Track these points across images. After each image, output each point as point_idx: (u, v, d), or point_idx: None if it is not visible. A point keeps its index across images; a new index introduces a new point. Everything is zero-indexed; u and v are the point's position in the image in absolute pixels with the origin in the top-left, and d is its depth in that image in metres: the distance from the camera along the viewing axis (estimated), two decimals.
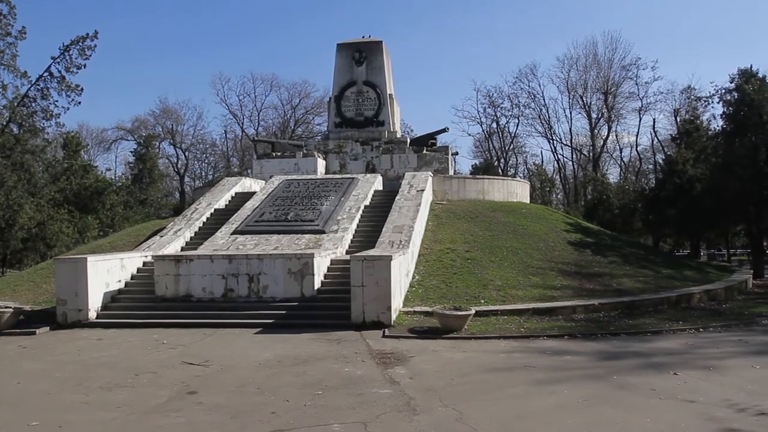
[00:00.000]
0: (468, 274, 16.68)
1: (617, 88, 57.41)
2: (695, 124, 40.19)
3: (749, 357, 10.24)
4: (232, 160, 66.58)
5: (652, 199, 38.69)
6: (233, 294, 14.51)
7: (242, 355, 10.35)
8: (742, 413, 6.85)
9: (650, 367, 9.39)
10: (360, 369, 9.26)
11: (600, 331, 12.57)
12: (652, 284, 18.27)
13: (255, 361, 9.82)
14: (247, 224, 18.89)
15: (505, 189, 27.46)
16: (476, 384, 8.37)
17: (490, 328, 12.74)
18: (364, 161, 28.82)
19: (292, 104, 65.09)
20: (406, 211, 18.88)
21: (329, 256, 15.80)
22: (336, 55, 30.99)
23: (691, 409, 7.07)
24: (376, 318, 12.87)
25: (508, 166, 62.88)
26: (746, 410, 6.96)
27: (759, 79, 28.42)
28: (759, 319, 14.79)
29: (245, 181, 25.84)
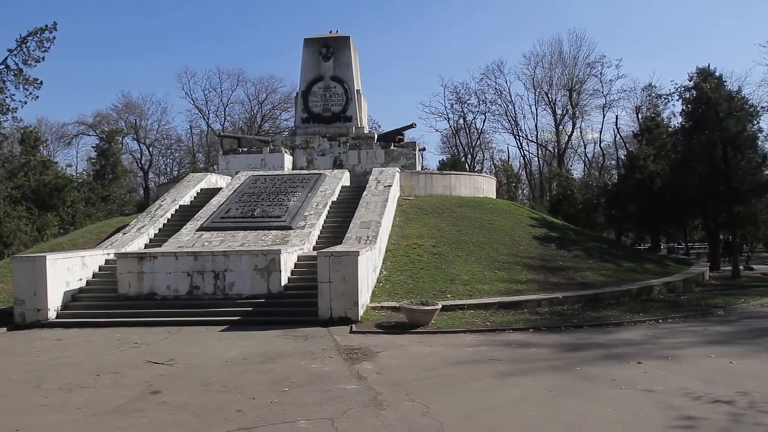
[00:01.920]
0: (435, 269, 16.78)
1: (581, 85, 58.48)
2: (656, 121, 41.16)
3: (705, 347, 10.57)
4: (198, 155, 65.53)
5: (614, 195, 39.56)
6: (199, 291, 14.31)
7: (208, 353, 10.22)
8: (698, 401, 7.06)
9: (612, 358, 9.60)
10: (327, 365, 9.24)
11: (564, 324, 12.81)
12: (615, 277, 18.68)
13: (221, 359, 9.70)
14: (212, 221, 18.64)
15: (472, 184, 27.71)
16: (443, 378, 8.43)
17: (456, 322, 12.85)
18: (331, 157, 28.72)
19: (259, 99, 64.46)
20: (374, 207, 18.89)
21: (296, 252, 15.71)
22: (303, 50, 30.79)
23: (649, 398, 7.25)
24: (343, 314, 12.85)
25: (475, 161, 63.39)
26: (701, 398, 7.17)
27: (716, 77, 29.22)
28: (715, 310, 15.27)
29: (211, 177, 25.47)
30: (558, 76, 59.56)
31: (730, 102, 27.61)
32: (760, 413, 6.56)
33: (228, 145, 34.33)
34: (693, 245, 57.61)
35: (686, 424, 6.28)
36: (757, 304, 16.75)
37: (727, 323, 13.52)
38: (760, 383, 7.84)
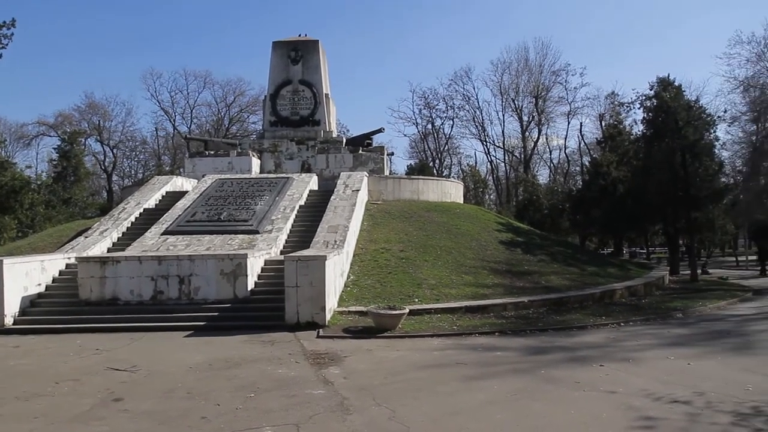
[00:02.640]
0: (402, 274, 16.82)
1: (547, 92, 59.56)
2: (618, 128, 42.15)
3: (665, 349, 10.83)
4: (164, 158, 64.37)
5: (578, 200, 40.34)
6: (163, 296, 14.04)
7: (172, 359, 10.03)
8: (658, 402, 7.23)
9: (575, 361, 9.76)
10: (293, 370, 9.16)
11: (529, 328, 12.97)
12: (578, 281, 19.01)
13: (185, 365, 9.53)
14: (178, 224, 18.33)
15: (440, 189, 27.89)
16: (409, 382, 8.44)
17: (423, 326, 12.89)
18: (299, 161, 28.57)
19: (227, 102, 63.75)
20: (342, 211, 18.84)
21: (263, 257, 15.56)
22: (272, 53, 30.58)
23: (611, 399, 7.39)
24: (310, 318, 12.77)
25: (442, 166, 63.90)
26: (661, 399, 7.34)
27: (675, 87, 30.14)
28: (674, 312, 15.68)
29: (177, 180, 25.08)
30: (524, 83, 60.61)
31: (689, 111, 28.49)
32: (716, 413, 6.74)
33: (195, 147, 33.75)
34: (654, 250, 59.11)
35: (646, 424, 6.41)
36: (713, 307, 17.27)
37: (686, 326, 13.90)
38: (716, 384, 8.06)
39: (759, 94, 41.47)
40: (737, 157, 43.60)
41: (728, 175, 39.58)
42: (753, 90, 42.17)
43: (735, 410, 6.81)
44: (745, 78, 42.95)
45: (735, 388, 7.78)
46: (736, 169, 42.85)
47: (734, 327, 13.77)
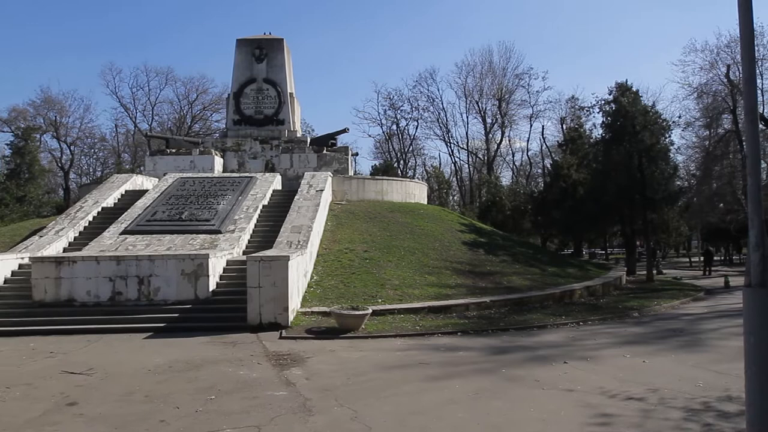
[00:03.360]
0: (366, 274, 16.81)
1: (510, 95, 60.35)
2: (579, 132, 43.01)
3: (621, 347, 11.09)
4: (124, 156, 62.81)
5: (540, 202, 40.99)
6: (121, 297, 13.72)
7: (130, 362, 9.80)
8: (613, 399, 7.40)
9: (535, 360, 9.91)
10: (255, 371, 9.06)
11: (491, 327, 13.11)
12: (539, 282, 19.33)
13: (144, 367, 9.32)
14: (137, 224, 17.94)
15: (404, 190, 27.99)
16: (372, 382, 8.43)
17: (386, 326, 12.91)
18: (263, 160, 28.28)
19: (189, 99, 62.55)
20: (305, 211, 18.73)
21: (225, 257, 15.35)
22: (235, 50, 30.21)
23: (570, 397, 7.53)
24: (273, 319, 12.66)
25: (407, 167, 64.09)
26: (617, 396, 7.51)
27: (633, 92, 30.94)
28: (630, 312, 16.08)
29: (137, 178, 24.54)
30: (488, 85, 61.28)
31: (646, 116, 29.30)
32: (669, 408, 6.93)
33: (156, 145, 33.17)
34: (612, 251, 60.56)
35: (602, 421, 6.55)
36: (668, 306, 17.78)
37: (642, 324, 14.27)
38: (670, 380, 8.29)
39: (711, 101, 42.95)
40: (691, 162, 45.16)
41: (682, 179, 40.96)
42: (706, 97, 43.65)
43: (686, 406, 7.01)
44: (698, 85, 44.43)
45: (687, 385, 8.02)
46: (690, 172, 44.35)
47: (687, 325, 14.20)
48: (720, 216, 39.92)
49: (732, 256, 55.86)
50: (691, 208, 39.19)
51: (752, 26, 4.45)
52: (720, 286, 25.68)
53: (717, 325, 14.21)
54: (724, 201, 39.18)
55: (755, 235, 4.30)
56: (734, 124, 36.77)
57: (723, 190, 38.13)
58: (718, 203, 40.19)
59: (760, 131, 34.95)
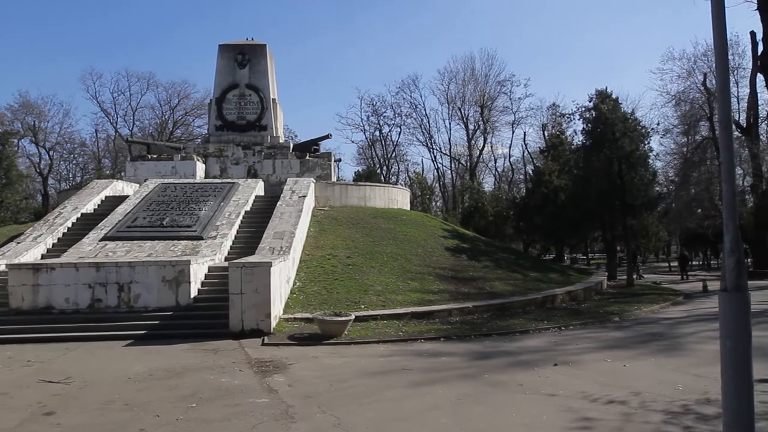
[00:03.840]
0: (349, 280, 16.79)
1: (492, 102, 60.76)
2: (560, 138, 43.46)
3: (602, 352, 11.19)
4: (104, 161, 62.09)
5: (522, 207, 41.28)
6: (101, 304, 13.54)
7: (110, 370, 9.66)
8: (595, 403, 7.46)
9: (518, 365, 9.96)
10: (237, 379, 8.99)
11: (473, 333, 13.16)
12: (521, 287, 19.44)
13: (124, 375, 9.20)
14: (118, 230, 17.74)
15: (387, 196, 28.02)
16: (355, 389, 8.41)
17: (369, 332, 12.90)
18: (245, 166, 28.15)
19: (171, 105, 62.04)
20: (288, 217, 18.67)
21: (207, 263, 15.24)
22: (218, 56, 30.08)
23: (552, 402, 7.57)
24: (255, 326, 12.58)
25: (390, 173, 64.19)
26: (598, 400, 7.58)
27: (613, 99, 31.33)
28: (611, 316, 16.25)
29: (117, 184, 24.27)
30: (470, 92, 61.68)
31: (625, 123, 29.66)
32: (649, 412, 7.00)
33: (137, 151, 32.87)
34: (593, 256, 61.15)
35: (584, 425, 6.60)
36: (648, 310, 17.98)
37: (622, 329, 14.41)
38: (650, 384, 8.38)
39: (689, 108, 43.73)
40: (669, 168, 45.96)
41: (661, 185, 41.58)
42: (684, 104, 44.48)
43: (666, 409, 7.09)
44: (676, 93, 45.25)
45: (667, 388, 8.11)
46: (669, 178, 45.10)
47: (666, 329, 14.36)
48: (698, 221, 40.60)
49: (710, 260, 56.72)
50: (670, 213, 39.80)
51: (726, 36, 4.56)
52: (698, 290, 26.02)
53: (695, 329, 14.40)
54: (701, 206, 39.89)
55: (730, 240, 4.39)
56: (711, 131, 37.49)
57: (701, 195, 38.84)
58: (696, 209, 40.92)
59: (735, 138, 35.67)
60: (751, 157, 35.80)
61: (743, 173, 39.67)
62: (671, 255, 60.80)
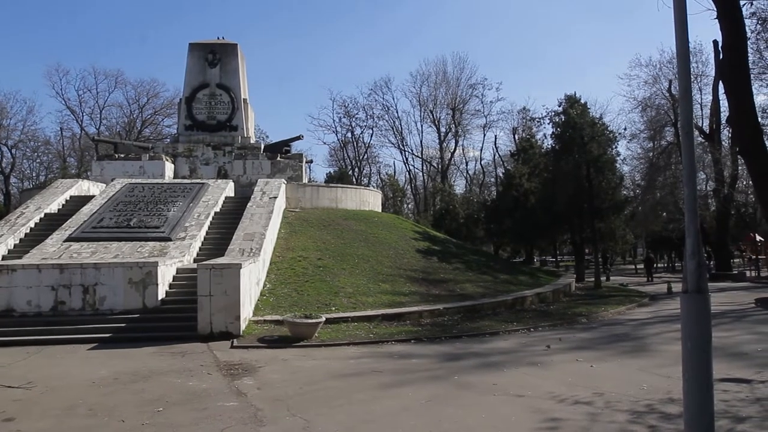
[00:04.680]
0: (320, 282, 16.74)
1: (464, 105, 61.26)
2: (530, 142, 44.01)
3: (570, 353, 11.37)
4: (69, 160, 60.64)
5: (493, 210, 41.68)
6: (65, 307, 13.23)
7: (73, 374, 9.44)
8: (562, 403, 7.57)
9: (487, 366, 10.05)
10: (205, 382, 8.87)
11: (444, 335, 13.24)
12: (492, 289, 19.63)
13: (88, 380, 9.01)
14: (83, 230, 17.37)
15: (358, 198, 28.01)
16: (325, 391, 8.38)
17: (340, 335, 12.88)
18: (215, 166, 27.82)
19: (140, 103, 60.90)
20: (258, 219, 18.52)
21: (175, 265, 15.03)
22: (188, 55, 29.67)
23: (520, 402, 7.66)
24: (224, 328, 12.45)
25: (362, 175, 64.21)
26: (565, 400, 7.69)
27: (581, 104, 31.92)
28: (579, 318, 16.51)
29: (83, 183, 23.76)
30: (442, 95, 62.11)
31: (593, 127, 30.24)
32: (615, 412, 7.14)
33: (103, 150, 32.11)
34: (562, 258, 62.06)
35: (551, 425, 6.69)
36: (614, 312, 18.32)
37: (589, 330, 14.67)
38: (616, 384, 8.54)
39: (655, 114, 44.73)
40: (636, 172, 46.91)
41: (628, 189, 42.45)
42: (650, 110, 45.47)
43: (631, 409, 7.24)
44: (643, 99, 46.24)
45: (632, 388, 8.27)
46: (635, 182, 46.02)
47: (632, 330, 14.66)
48: (663, 224, 41.58)
49: (675, 263, 58.07)
50: (636, 216, 40.62)
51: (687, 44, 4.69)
52: (663, 292, 26.64)
53: (660, 329, 14.72)
54: (666, 210, 40.87)
55: (692, 243, 4.51)
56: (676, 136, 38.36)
57: (665, 199, 39.77)
58: (661, 212, 41.89)
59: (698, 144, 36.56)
60: (713, 162, 36.81)
61: (706, 178, 40.76)
62: (637, 257, 62.05)
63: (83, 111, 60.25)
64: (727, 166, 36.81)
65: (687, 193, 4.72)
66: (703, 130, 42.24)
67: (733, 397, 7.65)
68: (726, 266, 39.38)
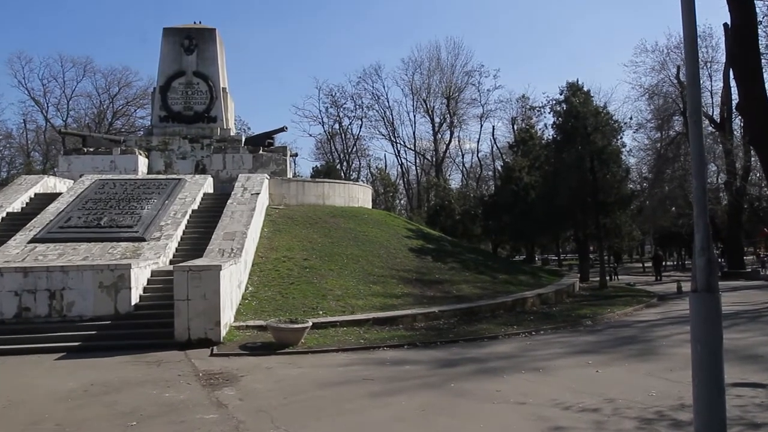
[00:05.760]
0: (306, 284, 16.72)
1: (460, 93, 61.33)
2: (530, 132, 44.09)
3: (574, 357, 11.42)
4: (34, 155, 60.34)
5: (491, 206, 41.75)
6: (30, 314, 13.12)
7: (39, 386, 9.37)
8: (567, 411, 7.59)
9: (486, 372, 10.08)
10: (183, 393, 8.83)
11: (439, 339, 13.26)
12: (490, 290, 19.68)
13: (55, 392, 8.93)
14: (49, 231, 17.25)
15: (347, 194, 28.00)
16: (312, 401, 8.37)
17: (328, 340, 12.86)
18: (193, 161, 27.70)
19: (110, 93, 60.59)
20: (239, 216, 18.47)
21: (150, 267, 14.96)
22: (162, 40, 29.48)
23: (522, 410, 7.68)
24: (203, 335, 12.40)
25: (351, 169, 64.20)
26: (570, 408, 7.72)
27: (584, 92, 31.93)
28: (583, 320, 16.59)
29: (49, 180, 23.59)
30: (436, 83, 62.18)
31: (597, 117, 30.28)
32: (623, 419, 7.17)
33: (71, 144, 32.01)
34: (566, 256, 62.32)
35: None
36: (621, 313, 18.43)
37: (595, 333, 14.74)
38: (623, 390, 8.58)
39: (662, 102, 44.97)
40: (643, 164, 47.16)
41: (635, 182, 42.62)
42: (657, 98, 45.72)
43: (640, 416, 7.27)
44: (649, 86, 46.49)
45: (640, 394, 8.31)
46: (642, 175, 46.25)
47: (639, 333, 14.75)
48: (672, 220, 41.82)
49: (685, 260, 58.46)
50: (644, 211, 40.79)
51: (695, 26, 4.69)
52: (673, 291, 26.82)
53: (669, 331, 14.81)
54: (675, 204, 41.10)
55: (701, 239, 4.52)
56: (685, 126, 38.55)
57: (674, 193, 40.01)
58: (670, 207, 42.13)
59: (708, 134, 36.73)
60: (724, 153, 37.05)
61: (717, 170, 41.01)
62: (645, 255, 62.44)
63: (49, 101, 59.94)
64: (740, 157, 37.07)
65: (695, 185, 4.73)
66: (714, 119, 42.52)
67: (748, 403, 7.69)
68: (739, 264, 39.64)
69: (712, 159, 38.24)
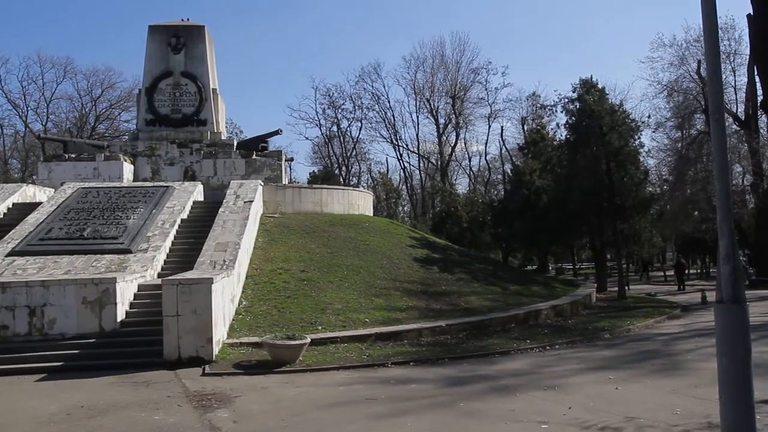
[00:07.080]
0: (304, 298, 16.73)
1: (465, 92, 61.25)
2: (541, 133, 44.08)
3: (593, 373, 11.42)
4: (12, 162, 60.55)
5: (500, 212, 41.67)
6: (8, 332, 13.12)
7: (18, 410, 9.37)
8: (587, 431, 7.58)
9: (498, 391, 10.07)
10: (173, 416, 8.83)
11: (447, 355, 13.26)
12: (501, 302, 19.66)
13: (35, 416, 8.93)
14: (28, 243, 17.30)
15: (346, 200, 28.04)
16: (311, 423, 8.37)
17: (328, 357, 12.86)
18: (181, 167, 27.76)
19: (93, 95, 60.76)
20: (232, 226, 18.51)
21: (137, 281, 14.98)
22: (148, 39, 29.62)
23: (538, 431, 7.67)
24: (194, 353, 12.40)
25: (350, 174, 64.29)
26: (590, 427, 7.71)
27: (599, 90, 31.90)
28: (601, 333, 16.57)
29: (28, 189, 23.67)
30: (440, 81, 62.17)
31: (613, 116, 30.24)
32: None
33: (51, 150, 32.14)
34: (581, 265, 62.19)
35: None
36: (642, 325, 18.41)
37: (613, 347, 14.71)
38: (646, 408, 8.57)
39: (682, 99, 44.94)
40: (663, 165, 47.05)
41: (654, 184, 42.53)
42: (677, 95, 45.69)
43: None
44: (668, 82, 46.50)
45: (664, 412, 8.30)
46: (662, 177, 46.12)
47: (662, 347, 14.72)
48: (695, 225, 41.65)
49: (709, 268, 58.29)
50: (665, 216, 40.68)
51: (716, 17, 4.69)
52: (697, 301, 26.75)
53: (694, 345, 14.79)
54: (698, 208, 40.94)
55: (725, 246, 4.51)
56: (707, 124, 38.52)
57: (697, 196, 39.84)
58: (692, 211, 41.96)
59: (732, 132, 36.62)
60: (750, 153, 36.96)
61: (743, 171, 40.96)
62: (666, 263, 62.30)
63: (27, 105, 60.10)
64: (766, 158, 37.00)
65: (719, 188, 4.72)
66: (738, 117, 42.46)
67: None
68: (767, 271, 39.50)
69: (736, 159, 38.19)
